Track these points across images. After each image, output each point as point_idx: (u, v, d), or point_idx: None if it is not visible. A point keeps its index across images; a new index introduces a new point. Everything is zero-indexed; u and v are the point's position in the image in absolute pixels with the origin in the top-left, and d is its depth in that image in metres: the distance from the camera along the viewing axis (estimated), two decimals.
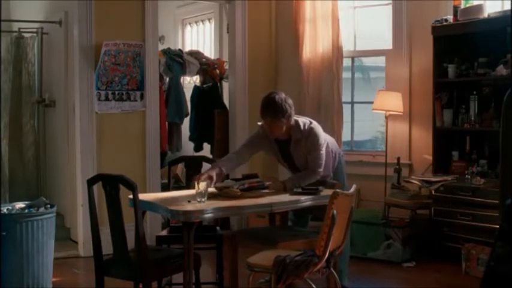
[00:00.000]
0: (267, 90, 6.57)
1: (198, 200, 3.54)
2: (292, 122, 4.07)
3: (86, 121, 5.53)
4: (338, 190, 3.43)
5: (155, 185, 5.82)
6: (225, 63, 6.80)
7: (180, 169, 6.88)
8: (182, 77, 6.97)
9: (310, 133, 4.09)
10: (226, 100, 6.77)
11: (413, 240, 5.31)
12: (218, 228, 4.32)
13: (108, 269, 3.54)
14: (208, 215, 3.49)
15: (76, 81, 5.56)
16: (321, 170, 4.10)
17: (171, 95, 6.58)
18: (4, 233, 4.17)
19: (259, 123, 4.23)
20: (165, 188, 5.50)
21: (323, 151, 4.12)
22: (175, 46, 7.75)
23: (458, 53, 5.43)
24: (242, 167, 6.23)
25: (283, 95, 4.04)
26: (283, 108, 3.96)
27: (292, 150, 4.16)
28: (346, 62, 6.41)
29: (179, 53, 6.74)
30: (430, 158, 5.54)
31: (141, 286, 3.55)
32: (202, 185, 3.57)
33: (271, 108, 3.99)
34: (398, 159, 5.63)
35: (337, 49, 6.12)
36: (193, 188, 3.62)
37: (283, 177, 4.47)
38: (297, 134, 4.09)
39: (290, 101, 4.03)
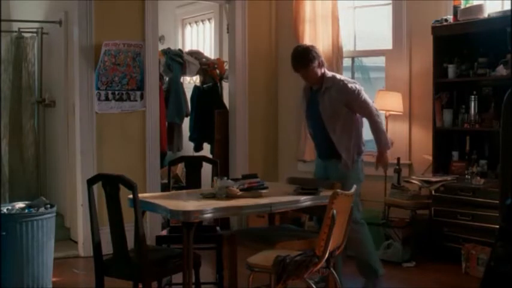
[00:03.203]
0: (267, 90, 6.68)
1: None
2: (328, 74, 4.30)
3: (86, 121, 5.53)
4: (338, 190, 3.43)
5: (155, 185, 5.82)
6: (225, 63, 6.80)
7: (180, 169, 6.88)
8: (182, 77, 6.97)
9: (343, 82, 4.28)
10: (226, 100, 6.78)
11: (413, 240, 5.31)
12: (218, 228, 4.32)
13: (108, 269, 3.54)
14: (207, 215, 3.49)
15: (76, 81, 5.56)
16: (377, 113, 4.31)
17: (171, 95, 6.59)
18: (4, 233, 4.17)
19: None
20: (165, 188, 5.50)
21: (363, 96, 4.29)
22: (175, 46, 7.75)
23: (458, 53, 5.43)
24: (242, 167, 6.31)
25: (307, 45, 4.43)
26: (308, 55, 4.20)
27: (320, 99, 4.28)
28: (346, 62, 6.41)
29: (179, 53, 6.74)
30: (430, 158, 5.54)
31: (140, 286, 3.55)
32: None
33: (296, 58, 4.25)
34: (398, 159, 5.62)
35: (337, 49, 6.12)
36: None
37: (283, 176, 4.48)
38: (329, 82, 4.27)
39: (316, 50, 4.28)
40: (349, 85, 4.28)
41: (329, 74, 4.34)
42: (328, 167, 4.39)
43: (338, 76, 4.41)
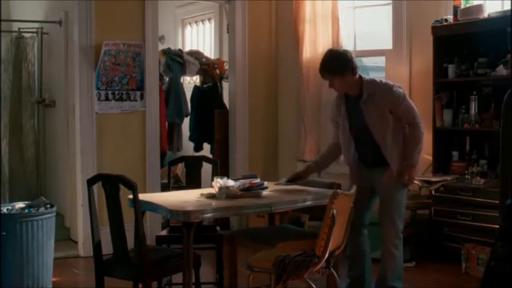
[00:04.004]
0: (267, 90, 6.68)
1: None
2: (366, 77, 3.97)
3: (86, 121, 5.53)
4: (338, 190, 3.42)
5: (155, 185, 5.82)
6: (225, 63, 6.80)
7: (180, 169, 6.87)
8: (182, 77, 6.97)
9: (387, 86, 3.95)
10: (226, 100, 6.78)
11: (413, 240, 5.31)
12: (218, 228, 4.32)
13: (108, 269, 3.54)
14: (207, 215, 3.49)
15: (76, 81, 5.56)
16: (420, 120, 3.94)
17: (171, 95, 6.59)
18: (4, 233, 4.17)
19: None
20: (165, 188, 5.50)
21: (408, 101, 3.96)
22: (175, 46, 7.75)
23: (458, 53, 5.43)
24: (242, 167, 6.31)
25: (340, 50, 4.02)
26: (344, 62, 3.87)
27: (363, 107, 3.93)
28: None
29: (179, 53, 6.74)
30: (430, 158, 5.54)
31: (140, 286, 3.55)
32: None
33: (323, 65, 3.92)
34: None
35: None
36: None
37: (283, 176, 4.47)
38: (370, 88, 3.93)
39: (348, 55, 3.89)
40: (394, 89, 3.94)
41: (367, 77, 4.01)
42: (376, 174, 4.03)
43: (378, 79, 4.04)
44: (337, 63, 3.89)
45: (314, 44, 6.27)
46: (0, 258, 4.17)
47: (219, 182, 3.72)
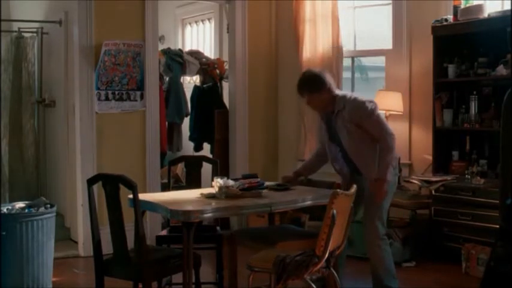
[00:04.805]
0: (267, 90, 6.68)
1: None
2: (339, 94, 4.05)
3: (86, 121, 5.53)
4: (338, 190, 3.42)
5: (155, 184, 5.82)
6: (225, 63, 6.80)
7: (180, 169, 6.87)
8: (182, 77, 6.97)
9: (355, 102, 3.99)
10: (226, 100, 6.78)
11: (413, 240, 5.31)
12: (218, 228, 4.32)
13: (108, 268, 3.54)
14: (207, 215, 3.50)
15: (76, 81, 5.56)
16: (388, 135, 3.95)
17: (171, 94, 6.59)
18: (4, 233, 4.17)
19: None
20: (165, 187, 5.50)
21: (377, 114, 3.99)
22: (175, 46, 7.75)
23: (458, 53, 5.43)
24: (242, 167, 6.31)
25: (317, 69, 4.12)
26: (317, 82, 3.98)
27: (334, 123, 4.04)
28: (346, 62, 6.41)
29: (179, 53, 6.74)
30: (430, 158, 5.54)
31: (140, 286, 3.54)
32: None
33: (300, 85, 4.06)
34: (399, 159, 5.61)
35: (337, 49, 6.12)
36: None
37: (283, 175, 4.47)
38: (340, 104, 4.00)
39: (326, 75, 4.03)
40: (362, 104, 3.98)
41: (340, 94, 4.08)
42: (365, 180, 4.08)
43: (349, 95, 4.12)
44: (314, 81, 4.01)
45: (314, 44, 6.28)
46: (0, 258, 4.17)
47: (219, 182, 3.72)
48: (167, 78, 6.72)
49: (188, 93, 6.98)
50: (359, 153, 4.04)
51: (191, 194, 3.89)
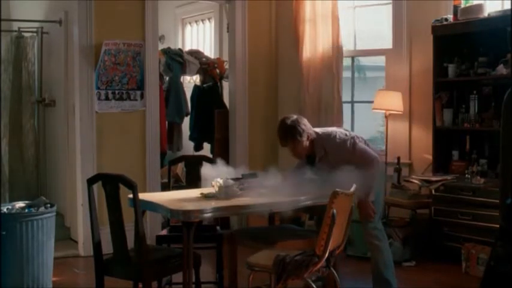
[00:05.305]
0: (267, 90, 6.67)
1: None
2: (317, 139, 4.06)
3: (86, 120, 5.53)
4: (338, 190, 3.42)
5: (155, 184, 5.82)
6: (225, 63, 6.80)
7: (180, 168, 6.87)
8: (182, 77, 6.98)
9: (334, 142, 4.05)
10: (226, 100, 6.77)
11: (413, 239, 5.31)
12: (218, 227, 4.32)
13: (108, 268, 3.54)
14: (207, 215, 3.49)
15: (76, 81, 5.56)
16: (375, 156, 4.04)
17: (171, 94, 6.59)
18: (4, 233, 4.17)
19: None
20: (165, 187, 5.50)
21: (358, 146, 4.05)
22: (175, 45, 7.75)
23: (458, 52, 5.43)
24: (241, 166, 6.30)
25: (294, 117, 4.05)
26: (295, 130, 3.98)
27: (319, 166, 4.08)
28: (346, 62, 6.41)
29: (179, 53, 6.74)
30: (430, 157, 5.54)
31: (140, 285, 3.55)
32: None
33: (282, 134, 4.03)
34: (399, 158, 5.63)
35: (337, 49, 6.12)
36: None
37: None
38: (320, 151, 4.07)
39: (303, 122, 4.03)
40: (341, 143, 4.05)
41: (316, 136, 4.08)
42: None
43: (324, 135, 4.10)
44: (296, 129, 3.99)
45: (314, 44, 6.27)
46: (0, 258, 4.17)
47: (219, 181, 3.72)
48: (167, 78, 6.72)
49: (188, 93, 6.98)
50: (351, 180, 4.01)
51: (191, 194, 3.89)
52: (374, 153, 4.09)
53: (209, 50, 7.68)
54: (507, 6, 5.21)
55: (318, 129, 4.15)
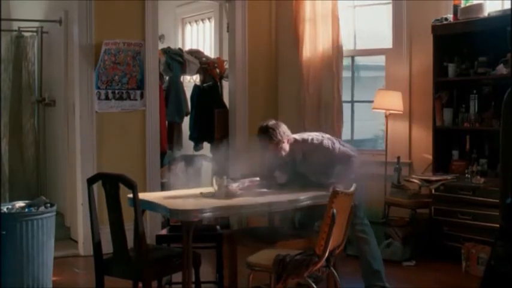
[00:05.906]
0: (267, 89, 6.67)
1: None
2: (294, 143, 4.13)
3: (86, 120, 5.53)
4: (338, 189, 3.42)
5: (155, 184, 5.81)
6: (225, 63, 6.79)
7: (180, 168, 6.87)
8: (182, 76, 6.96)
9: (311, 146, 4.11)
10: (226, 99, 6.77)
11: (413, 239, 5.31)
12: (218, 227, 4.32)
13: (108, 268, 3.54)
14: (207, 214, 3.49)
15: (76, 81, 5.56)
16: (354, 154, 4.12)
17: (171, 94, 6.58)
18: (4, 232, 4.17)
19: None
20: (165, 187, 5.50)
21: (337, 146, 4.13)
22: (175, 45, 7.74)
23: (458, 52, 5.43)
24: (242, 166, 6.29)
25: (272, 122, 4.16)
26: (267, 133, 4.09)
27: (301, 169, 4.15)
28: (346, 61, 6.41)
29: (179, 52, 6.74)
30: (430, 157, 5.54)
31: (140, 285, 3.55)
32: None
33: (261, 136, 4.16)
34: (398, 158, 5.62)
35: (337, 48, 6.12)
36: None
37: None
38: (298, 154, 4.13)
39: (281, 128, 4.10)
40: (318, 145, 4.12)
41: (294, 141, 4.16)
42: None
43: (300, 140, 4.19)
44: (274, 130, 4.09)
45: (314, 44, 6.27)
46: (0, 258, 4.17)
47: (218, 181, 3.72)
48: (167, 78, 6.71)
49: (188, 93, 6.97)
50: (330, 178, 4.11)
51: (191, 193, 3.88)
52: (352, 152, 4.18)
53: (209, 50, 7.68)
54: (507, 6, 5.21)
55: (296, 135, 4.21)
